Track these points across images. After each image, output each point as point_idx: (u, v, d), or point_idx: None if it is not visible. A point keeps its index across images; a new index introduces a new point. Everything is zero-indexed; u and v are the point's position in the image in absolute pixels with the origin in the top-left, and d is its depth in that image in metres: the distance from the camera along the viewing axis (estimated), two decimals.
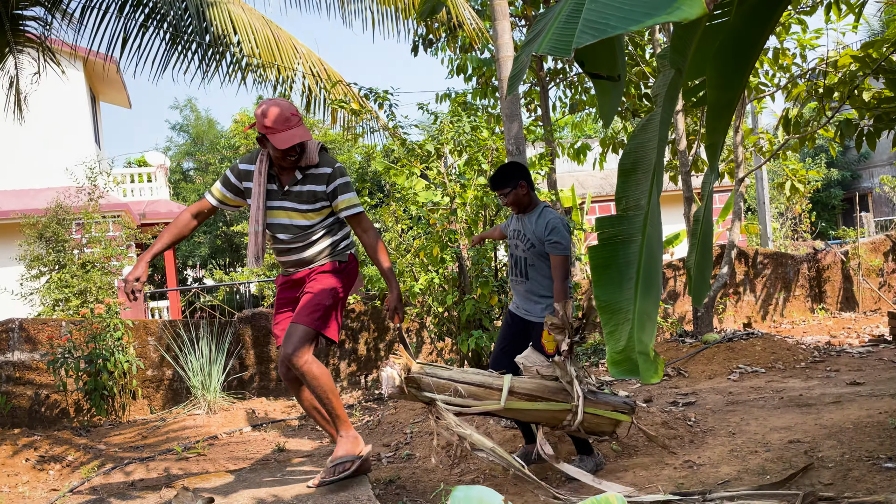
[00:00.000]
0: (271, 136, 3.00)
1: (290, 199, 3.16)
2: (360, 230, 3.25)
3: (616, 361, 2.26)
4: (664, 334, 7.56)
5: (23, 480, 4.20)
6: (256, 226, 3.15)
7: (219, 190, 3.24)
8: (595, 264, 2.15)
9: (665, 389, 5.31)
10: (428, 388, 3.05)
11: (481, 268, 5.19)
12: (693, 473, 3.17)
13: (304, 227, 3.19)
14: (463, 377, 3.14)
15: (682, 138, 6.60)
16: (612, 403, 3.26)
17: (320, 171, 3.16)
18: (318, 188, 3.16)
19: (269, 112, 3.01)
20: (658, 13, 1.27)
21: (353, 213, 3.21)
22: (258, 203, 3.13)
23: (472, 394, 3.09)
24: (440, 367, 3.18)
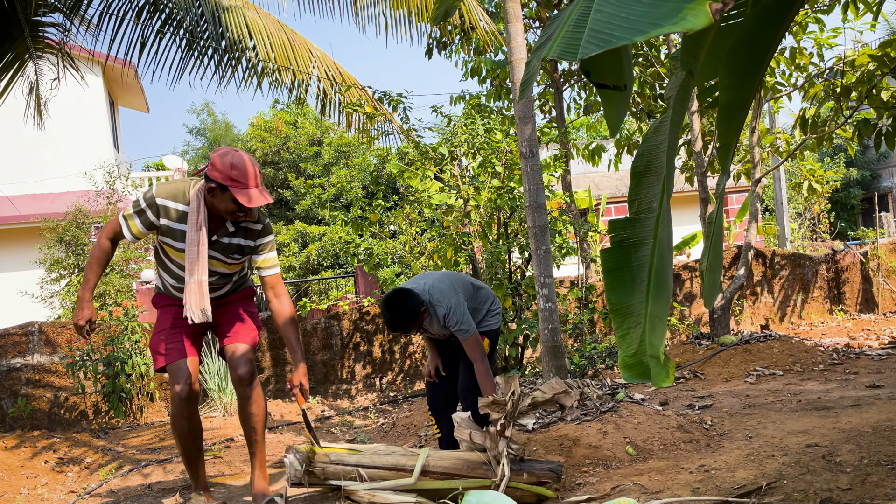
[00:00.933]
0: (236, 190, 2.80)
1: (217, 249, 3.02)
2: (272, 294, 3.11)
3: (628, 365, 2.26)
4: (680, 336, 7.52)
5: (42, 482, 4.25)
6: (199, 275, 2.93)
7: (131, 219, 2.96)
8: (607, 267, 2.14)
9: (681, 392, 5.27)
10: (334, 475, 2.99)
11: (495, 270, 5.19)
12: (709, 478, 3.14)
13: (225, 275, 3.12)
14: (373, 461, 3.05)
15: (698, 139, 6.56)
16: (538, 474, 3.12)
17: (253, 226, 3.05)
18: (247, 243, 3.06)
19: (238, 164, 2.83)
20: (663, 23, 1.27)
21: (273, 273, 3.12)
22: (199, 250, 2.91)
23: (383, 478, 3.02)
24: (348, 451, 3.10)
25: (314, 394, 6.47)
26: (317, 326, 6.65)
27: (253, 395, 3.09)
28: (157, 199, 2.92)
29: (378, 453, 3.10)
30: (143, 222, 2.94)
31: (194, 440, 3.14)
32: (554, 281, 4.22)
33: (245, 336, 3.15)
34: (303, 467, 2.93)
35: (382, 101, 6.34)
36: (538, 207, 4.17)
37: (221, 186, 2.83)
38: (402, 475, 3.01)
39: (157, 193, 2.92)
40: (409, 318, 3.27)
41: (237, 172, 2.80)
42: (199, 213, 2.88)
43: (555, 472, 3.14)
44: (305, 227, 16.83)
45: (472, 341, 3.40)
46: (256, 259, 3.09)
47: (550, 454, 3.60)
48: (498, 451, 3.03)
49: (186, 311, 2.94)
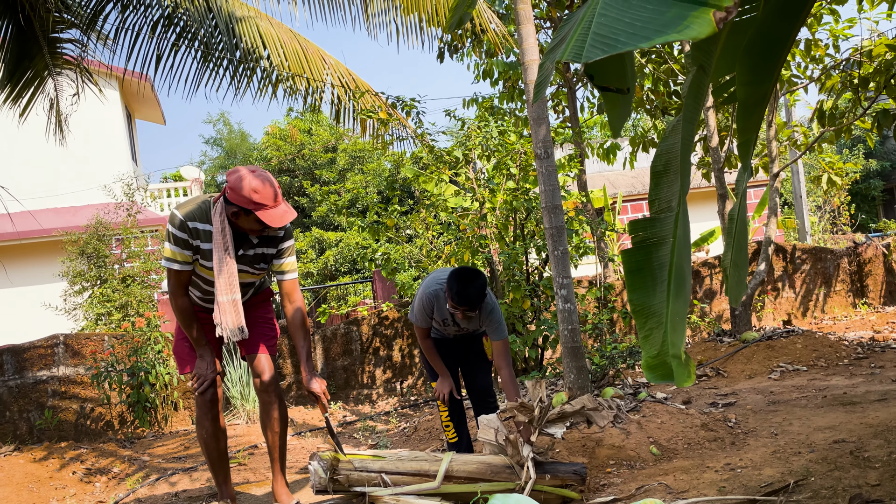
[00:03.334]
0: (262, 213, 2.80)
1: (244, 262, 3.04)
2: (288, 300, 3.11)
3: (652, 366, 2.25)
4: (701, 334, 7.46)
5: (70, 493, 4.30)
6: (231, 294, 2.93)
7: (180, 254, 2.93)
8: (629, 268, 2.14)
9: (704, 390, 5.23)
10: (358, 482, 3.00)
11: (513, 272, 5.18)
12: (735, 477, 3.12)
13: (251, 284, 3.16)
14: (396, 467, 3.06)
15: (714, 135, 6.51)
16: (562, 476, 3.10)
17: (275, 233, 3.06)
18: (269, 250, 3.08)
19: (259, 187, 2.80)
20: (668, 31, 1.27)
21: (291, 278, 3.11)
22: (229, 269, 2.91)
23: (407, 483, 3.02)
24: (371, 457, 3.10)
25: (336, 399, 6.49)
26: (336, 332, 6.68)
27: (275, 402, 3.13)
28: (188, 223, 2.89)
29: (402, 459, 3.11)
30: (185, 247, 2.91)
31: (218, 443, 3.17)
32: (572, 281, 4.21)
33: (267, 343, 3.19)
34: (327, 475, 2.94)
35: (396, 106, 6.37)
36: (554, 208, 4.16)
37: (245, 210, 2.83)
38: (426, 480, 3.01)
39: (185, 217, 2.89)
40: (482, 294, 3.28)
41: (259, 196, 2.78)
42: (224, 233, 2.87)
43: (579, 475, 3.13)
44: (322, 234, 16.91)
45: (506, 344, 3.42)
46: (275, 263, 3.08)
47: (574, 455, 3.59)
48: (522, 456, 3.03)
49: (220, 330, 2.95)
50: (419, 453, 3.21)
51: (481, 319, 3.43)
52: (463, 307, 3.28)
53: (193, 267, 2.97)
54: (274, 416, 3.15)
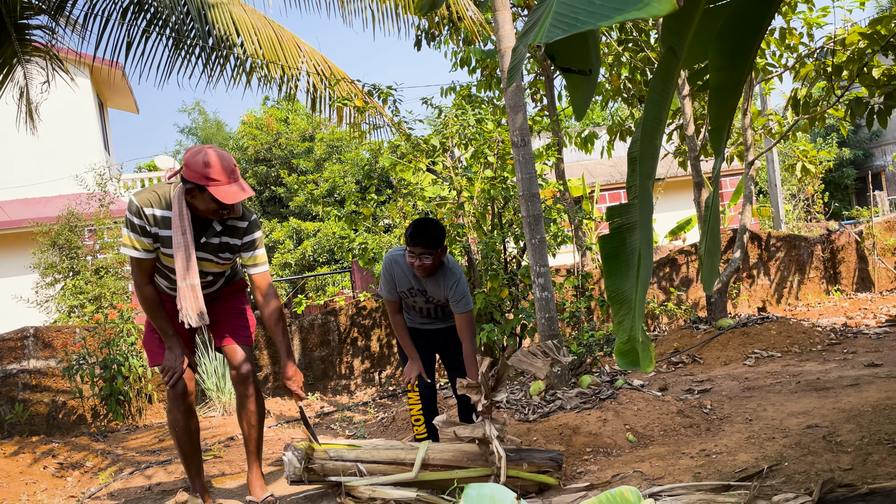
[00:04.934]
0: (214, 188, 2.73)
1: (207, 250, 2.96)
2: (260, 294, 3.05)
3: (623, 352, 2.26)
4: (678, 321, 7.52)
5: (41, 488, 4.23)
6: (191, 279, 2.87)
7: (139, 241, 2.88)
8: (606, 254, 2.14)
9: (680, 377, 5.27)
10: (333, 472, 2.98)
11: (490, 261, 5.17)
12: (710, 462, 3.14)
13: (218, 274, 3.09)
14: (372, 456, 3.04)
15: (690, 123, 6.54)
16: (538, 462, 3.11)
17: (239, 223, 2.99)
18: (234, 241, 3.00)
19: (212, 161, 2.74)
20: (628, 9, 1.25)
21: (262, 271, 3.05)
22: (187, 254, 2.85)
23: (383, 472, 3.02)
24: (347, 447, 3.09)
25: (313, 390, 6.45)
26: (314, 323, 6.63)
27: (252, 394, 3.09)
28: (143, 209, 2.84)
29: (378, 448, 3.09)
30: (142, 233, 2.85)
31: (190, 436, 3.12)
32: (550, 270, 4.20)
33: (242, 334, 3.14)
34: (302, 464, 2.92)
35: (372, 94, 6.31)
36: (532, 196, 4.15)
37: (199, 187, 2.76)
38: (403, 469, 3.00)
39: (140, 203, 2.83)
40: (439, 238, 3.30)
41: (212, 170, 2.72)
42: (182, 217, 2.81)
43: (555, 461, 3.14)
44: (300, 224, 16.78)
45: (470, 318, 3.41)
46: (244, 256, 3.02)
47: (551, 443, 3.59)
48: (486, 433, 3.01)
49: (182, 315, 2.89)
50: (395, 442, 3.19)
51: (446, 287, 3.39)
52: (418, 247, 3.27)
53: (156, 255, 2.90)
54: (250, 409, 3.12)
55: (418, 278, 3.43)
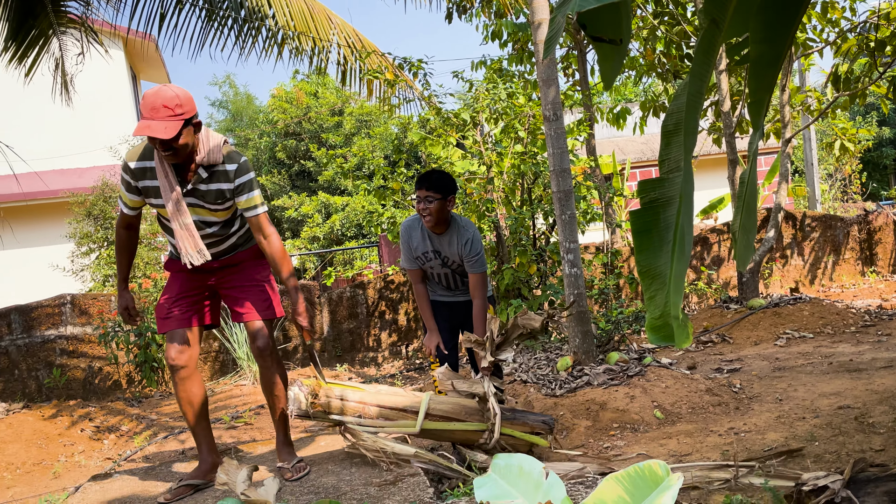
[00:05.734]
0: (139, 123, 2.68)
1: (197, 196, 2.91)
2: (260, 234, 2.99)
3: (655, 328, 2.24)
4: (708, 300, 7.44)
5: (79, 450, 4.36)
6: (182, 218, 2.85)
7: (125, 196, 2.91)
8: (637, 229, 2.12)
9: (709, 356, 5.23)
10: (337, 410, 3.02)
11: (519, 237, 5.15)
12: (738, 441, 3.13)
13: (217, 223, 3.00)
14: (376, 399, 3.07)
15: (726, 99, 6.41)
16: (531, 424, 3.14)
17: (226, 167, 2.91)
18: (225, 186, 2.91)
19: (146, 94, 2.69)
20: None
21: (255, 213, 2.96)
22: (171, 196, 2.82)
23: (386, 416, 3.05)
24: (352, 387, 3.12)
25: (341, 361, 6.53)
26: (342, 296, 6.69)
27: (272, 366, 3.07)
28: (129, 164, 2.84)
29: (381, 392, 3.13)
30: (127, 188, 2.87)
31: (191, 408, 3.07)
32: (579, 246, 4.18)
33: (260, 307, 3.07)
34: (307, 400, 2.97)
35: (403, 67, 6.28)
36: (563, 172, 4.12)
37: None
38: (405, 415, 3.05)
39: (127, 158, 2.86)
40: (443, 184, 3.32)
41: (142, 105, 2.67)
42: (161, 162, 2.79)
43: (547, 424, 3.17)
44: (328, 198, 16.86)
45: (482, 278, 3.41)
46: (238, 201, 2.93)
47: (577, 418, 3.60)
48: (484, 390, 3.05)
49: (183, 258, 2.87)
50: (398, 389, 3.24)
51: (459, 245, 3.40)
52: (422, 189, 3.31)
53: (140, 211, 2.91)
54: (272, 381, 3.10)
55: (432, 239, 3.42)
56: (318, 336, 6.67)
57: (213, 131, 2.93)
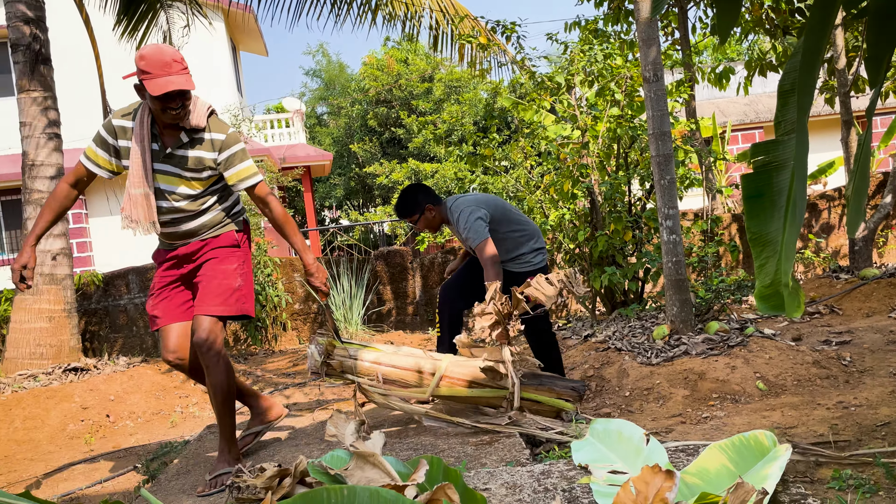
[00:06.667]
0: (147, 81, 2.53)
1: (173, 163, 2.71)
2: (261, 204, 2.79)
3: (765, 296, 2.17)
4: (815, 270, 7.09)
5: (192, 402, 4.67)
6: (144, 187, 2.65)
7: (92, 150, 2.70)
8: (748, 193, 2.05)
9: (816, 328, 5.00)
10: (350, 370, 2.97)
11: (614, 203, 5.05)
12: (848, 415, 2.99)
13: (189, 196, 2.75)
14: (391, 360, 2.99)
15: (841, 55, 5.99)
16: (558, 391, 3.05)
17: (212, 136, 2.71)
18: (208, 155, 2.71)
19: (147, 54, 2.53)
20: None
21: (251, 184, 2.75)
22: (143, 161, 2.65)
23: (401, 378, 2.99)
24: (369, 348, 3.05)
25: (433, 325, 6.66)
26: (433, 261, 6.78)
27: (209, 364, 2.70)
28: (113, 121, 2.70)
29: (398, 353, 3.08)
30: (102, 146, 2.69)
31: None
32: (679, 212, 4.06)
33: (211, 299, 2.74)
34: (321, 358, 2.95)
35: (495, 31, 6.20)
36: (662, 135, 3.99)
37: (140, 84, 2.56)
38: (421, 377, 3.00)
39: (113, 115, 2.72)
40: (410, 207, 3.54)
41: (145, 63, 2.52)
42: (142, 125, 2.64)
43: (577, 391, 3.11)
44: (418, 165, 17.00)
45: (482, 248, 3.41)
46: (229, 174, 2.73)
47: (674, 387, 3.55)
48: (502, 356, 3.01)
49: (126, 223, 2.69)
50: (415, 350, 3.16)
51: (457, 232, 3.52)
52: (403, 220, 3.57)
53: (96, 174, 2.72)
54: (210, 381, 2.73)
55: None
56: (410, 300, 6.81)
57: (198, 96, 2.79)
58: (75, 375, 5.10)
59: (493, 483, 1.94)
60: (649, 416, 3.34)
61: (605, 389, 3.73)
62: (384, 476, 1.65)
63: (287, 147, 16.13)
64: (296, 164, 15.45)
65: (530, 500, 1.78)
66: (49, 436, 4.16)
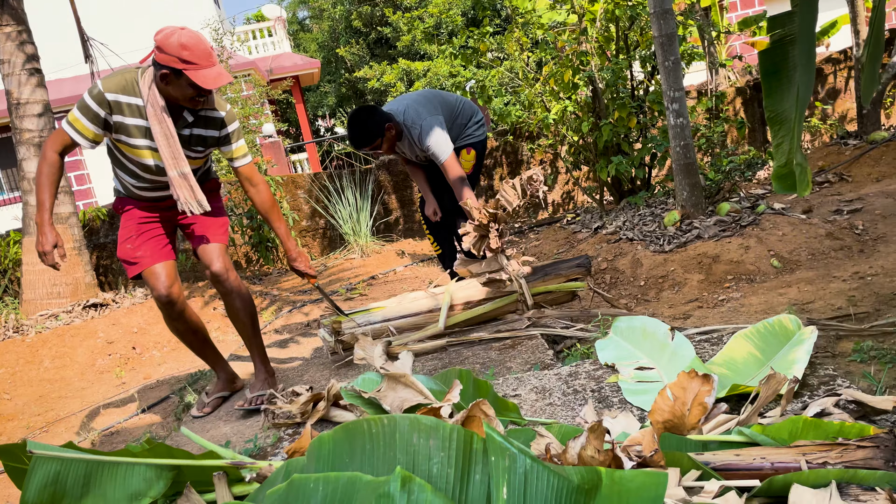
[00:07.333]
0: (192, 72, 2.49)
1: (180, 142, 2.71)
2: (249, 184, 2.84)
3: (781, 176, 2.15)
4: (822, 137, 6.97)
5: (215, 326, 4.75)
6: (182, 167, 2.67)
7: (80, 122, 2.61)
8: (766, 70, 1.98)
9: (826, 197, 4.96)
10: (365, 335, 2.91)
11: (616, 89, 4.90)
12: (865, 285, 3.01)
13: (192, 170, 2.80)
14: (399, 312, 2.98)
15: None
16: (564, 273, 3.09)
17: (214, 114, 2.73)
18: (210, 133, 2.75)
19: (190, 43, 2.49)
20: None
21: (244, 163, 2.81)
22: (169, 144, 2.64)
23: (413, 324, 2.98)
24: (374, 308, 3.01)
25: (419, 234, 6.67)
26: None
27: (232, 290, 2.84)
28: (106, 95, 2.59)
29: (402, 302, 3.07)
30: (93, 120, 2.60)
31: (195, 336, 2.96)
32: (685, 94, 3.94)
33: (215, 233, 2.89)
34: (333, 338, 2.91)
35: None
36: (665, 14, 3.81)
37: (175, 71, 2.52)
38: (431, 315, 3.02)
39: (104, 88, 2.59)
40: (370, 134, 3.32)
41: (189, 53, 2.48)
42: (157, 105, 2.60)
43: (583, 266, 3.17)
44: (409, 65, 16.51)
45: (449, 163, 3.32)
46: (226, 150, 2.80)
47: (689, 273, 3.56)
48: (500, 266, 3.04)
49: (182, 205, 2.71)
50: (419, 294, 3.15)
51: (417, 146, 3.42)
52: (361, 149, 3.38)
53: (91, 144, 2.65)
54: (235, 307, 2.86)
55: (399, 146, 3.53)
56: (416, 207, 6.78)
57: None
58: (95, 311, 5.17)
59: (522, 389, 1.98)
60: (666, 304, 3.37)
61: (619, 281, 3.75)
62: (417, 395, 1.68)
63: (273, 58, 15.64)
64: (283, 74, 15.03)
65: (561, 404, 1.81)
66: (79, 373, 4.26)
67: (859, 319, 2.59)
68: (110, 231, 6.68)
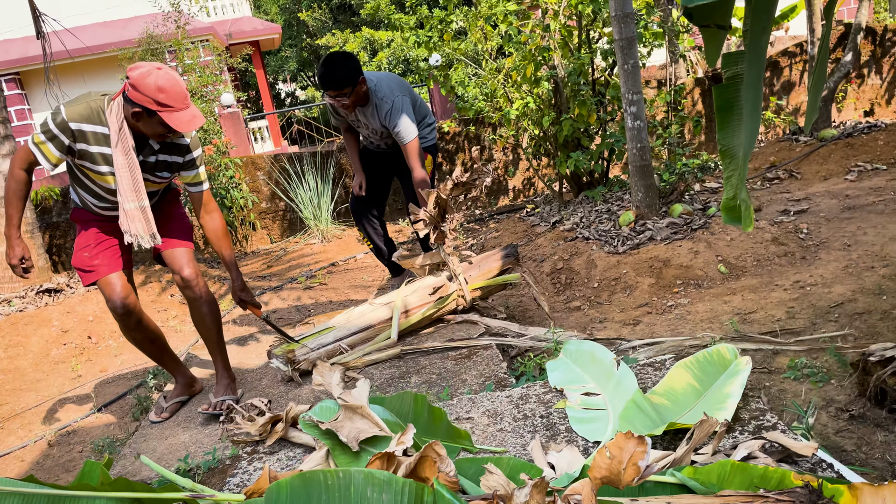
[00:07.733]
0: (166, 114, 2.50)
1: (146, 170, 2.73)
2: (203, 211, 2.88)
3: (729, 208, 2.24)
4: (776, 130, 7.16)
5: (172, 315, 4.73)
6: (137, 201, 2.66)
7: (46, 147, 2.59)
8: (720, 105, 2.06)
9: (776, 195, 5.13)
10: (319, 360, 2.96)
11: (578, 86, 4.96)
12: (804, 295, 3.16)
13: (153, 193, 2.85)
14: (349, 329, 3.02)
15: None
16: (498, 265, 3.22)
17: (180, 140, 2.75)
18: (174, 160, 2.76)
19: (167, 86, 2.49)
20: None
21: (201, 189, 2.85)
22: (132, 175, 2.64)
23: (365, 338, 3.04)
24: (323, 331, 3.04)
25: (402, 216, 6.68)
26: None
27: (200, 296, 2.88)
28: (70, 124, 2.58)
29: (351, 319, 3.10)
30: (59, 147, 2.60)
31: (153, 344, 2.96)
32: (643, 96, 4.02)
33: (181, 238, 2.93)
34: (288, 367, 2.93)
35: None
36: (625, 17, 3.86)
37: (149, 111, 2.53)
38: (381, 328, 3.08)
39: (68, 117, 2.58)
40: (344, 78, 3.27)
41: (165, 96, 2.48)
42: (125, 138, 2.61)
43: (511, 255, 3.34)
44: (372, 34, 16.27)
45: (412, 147, 3.37)
46: (186, 175, 2.82)
47: (640, 276, 3.68)
48: (442, 259, 3.17)
49: (130, 238, 2.70)
50: (365, 307, 3.17)
51: (381, 119, 3.42)
52: (329, 90, 3.31)
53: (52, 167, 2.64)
54: (202, 312, 2.90)
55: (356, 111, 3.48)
56: None
57: None
58: (49, 297, 5.09)
59: (475, 411, 2.06)
60: (618, 308, 3.49)
61: (574, 282, 3.86)
62: (373, 427, 1.75)
63: (232, 21, 15.24)
64: (243, 39, 14.68)
65: (511, 430, 1.90)
66: (33, 363, 4.22)
67: (796, 333, 2.74)
68: (63, 210, 6.54)
